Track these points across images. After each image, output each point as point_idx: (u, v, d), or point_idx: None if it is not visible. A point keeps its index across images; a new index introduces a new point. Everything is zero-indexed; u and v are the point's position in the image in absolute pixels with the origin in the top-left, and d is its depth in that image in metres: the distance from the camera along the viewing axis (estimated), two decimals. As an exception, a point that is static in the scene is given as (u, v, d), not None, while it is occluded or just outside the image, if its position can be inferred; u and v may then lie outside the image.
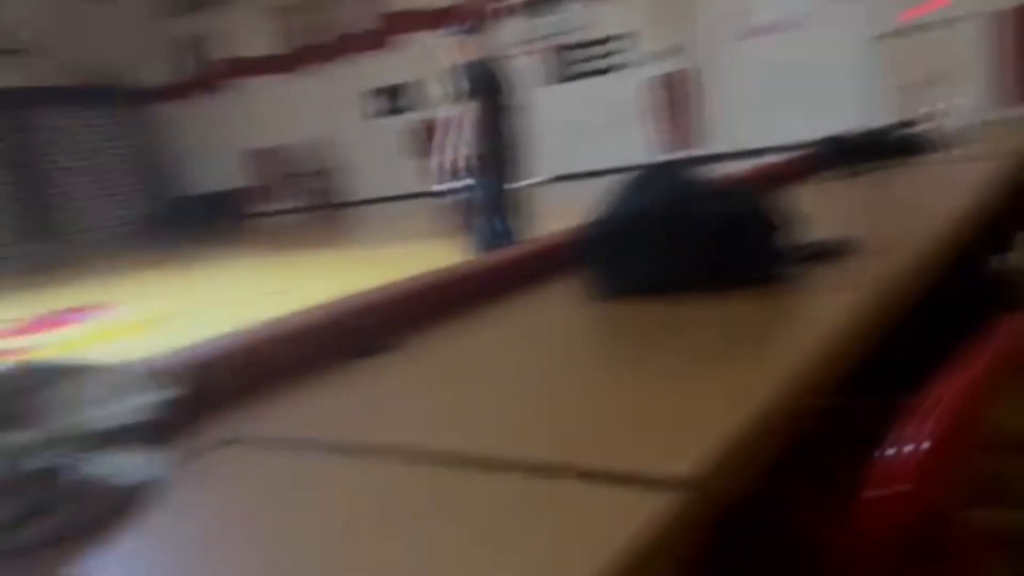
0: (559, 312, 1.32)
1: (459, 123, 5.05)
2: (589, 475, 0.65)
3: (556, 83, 17.32)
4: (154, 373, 0.90)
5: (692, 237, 1.22)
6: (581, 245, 1.34)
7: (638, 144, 15.13)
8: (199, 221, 21.53)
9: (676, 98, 15.48)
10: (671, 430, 0.73)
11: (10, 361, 0.86)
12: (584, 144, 16.72)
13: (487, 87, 5.10)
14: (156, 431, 0.82)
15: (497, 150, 5.15)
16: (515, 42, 16.74)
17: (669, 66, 15.34)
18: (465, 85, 5.04)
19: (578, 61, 16.95)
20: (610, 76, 16.64)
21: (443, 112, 5.43)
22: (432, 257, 5.57)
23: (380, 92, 19.54)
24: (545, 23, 16.42)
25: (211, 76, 21.97)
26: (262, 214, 21.44)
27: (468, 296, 1.40)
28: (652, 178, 1.38)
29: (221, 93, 22.15)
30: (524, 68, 16.74)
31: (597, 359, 1.07)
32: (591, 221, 1.34)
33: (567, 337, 1.19)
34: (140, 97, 23.54)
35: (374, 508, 0.68)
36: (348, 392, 1.02)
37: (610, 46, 16.72)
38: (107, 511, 0.70)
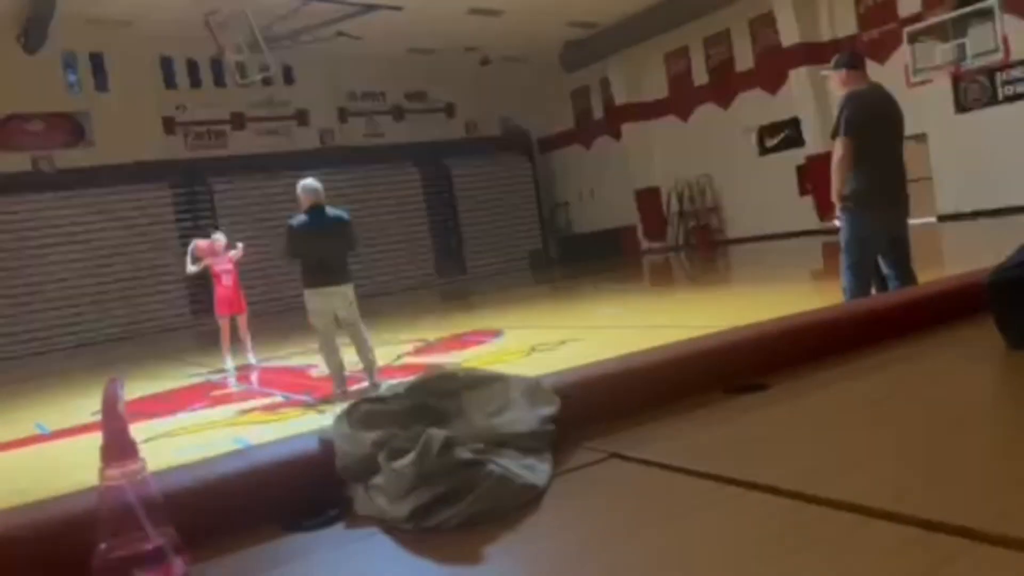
0: (957, 362, 1.19)
1: (837, 158, 4.78)
2: (989, 539, 0.59)
3: (969, 110, 15.46)
4: (547, 389, 1.00)
5: None
6: (994, 289, 1.19)
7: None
8: (587, 257, 22.99)
9: None
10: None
11: (438, 369, 1.02)
12: (1000, 177, 14.67)
13: (862, 120, 4.77)
14: (550, 440, 0.92)
15: (875, 186, 4.77)
16: (922, 68, 15.33)
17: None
18: (843, 119, 4.78)
19: (997, 85, 14.96)
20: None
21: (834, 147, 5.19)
22: (813, 297, 5.33)
23: (768, 129, 19.19)
24: (956, 45, 14.75)
25: (606, 121, 23.43)
26: (649, 251, 22.21)
27: (849, 340, 1.33)
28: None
29: (613, 137, 23.42)
30: (931, 95, 15.24)
31: (1016, 416, 0.95)
32: (1013, 261, 1.18)
33: (969, 390, 1.07)
34: (540, 144, 25.89)
35: (746, 541, 0.68)
36: (721, 426, 1.03)
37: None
38: (512, 504, 0.80)
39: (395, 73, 22.84)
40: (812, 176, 17.76)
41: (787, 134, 18.62)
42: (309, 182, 6.69)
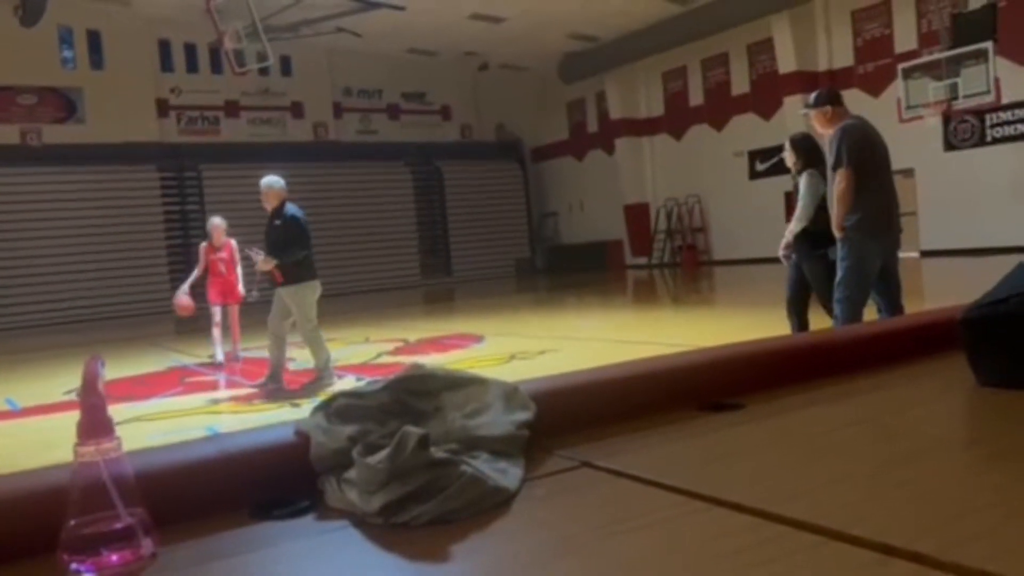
0: (928, 394, 1.22)
1: (841, 189, 4.78)
2: (942, 567, 0.61)
3: (958, 149, 15.65)
4: (524, 395, 1.01)
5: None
6: (967, 326, 1.21)
7: (1055, 221, 13.07)
8: (573, 268, 23.02)
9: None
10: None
11: (415, 367, 1.03)
12: (984, 217, 14.86)
13: (861, 151, 4.76)
14: (522, 444, 0.93)
15: (875, 215, 4.75)
16: (914, 104, 15.50)
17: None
18: (843, 150, 4.75)
19: (987, 127, 15.16)
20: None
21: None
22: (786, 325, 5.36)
23: (759, 153, 19.34)
24: (949, 84, 14.92)
25: (600, 134, 23.52)
26: (634, 266, 22.27)
27: (826, 366, 1.35)
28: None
29: (606, 151, 23.49)
30: (921, 132, 15.42)
31: (978, 450, 0.97)
32: (986, 300, 1.21)
33: (935, 421, 1.09)
34: (532, 153, 25.95)
35: (707, 555, 0.70)
36: (692, 441, 1.05)
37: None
38: (482, 505, 0.81)
39: (393, 72, 22.84)
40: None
41: (778, 160, 18.76)
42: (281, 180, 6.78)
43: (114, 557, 0.72)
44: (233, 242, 8.75)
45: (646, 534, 0.75)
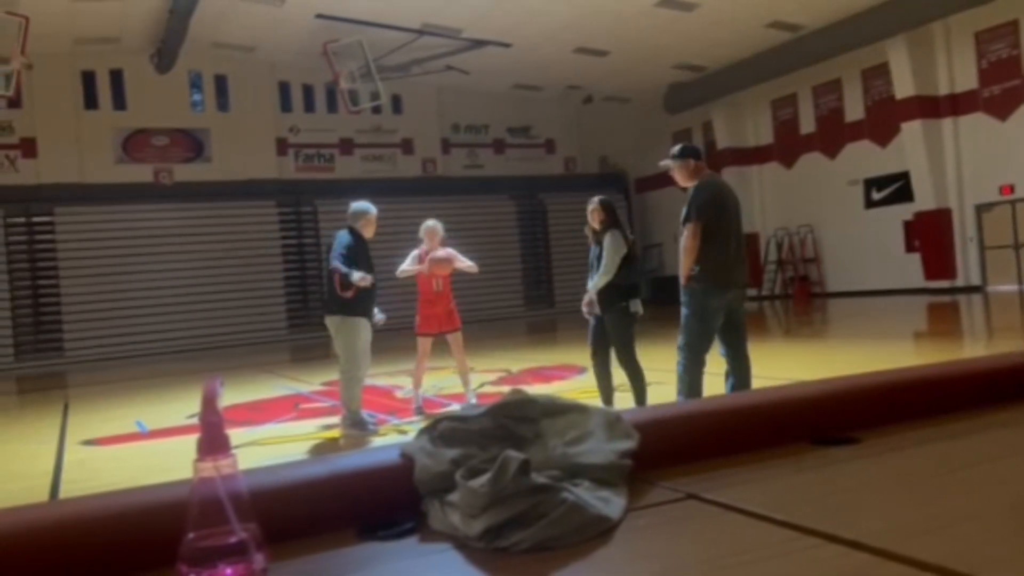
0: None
1: (688, 243, 4.95)
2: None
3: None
4: (626, 424, 1.00)
5: None
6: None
7: None
8: (678, 300, 22.62)
9: None
10: None
11: (519, 393, 1.03)
12: None
13: (712, 208, 4.94)
14: (625, 474, 0.91)
15: (718, 267, 4.88)
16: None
17: None
18: (695, 206, 4.93)
19: None
20: None
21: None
22: (913, 357, 5.10)
23: (875, 181, 18.58)
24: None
25: (706, 164, 23.19)
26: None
27: (948, 401, 1.27)
28: None
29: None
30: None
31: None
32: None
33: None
34: (638, 184, 25.80)
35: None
36: (805, 476, 1.01)
37: None
38: (584, 533, 0.80)
39: (499, 107, 23.25)
40: (920, 232, 17.09)
41: (896, 188, 17.98)
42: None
43: (228, 571, 0.75)
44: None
45: (755, 569, 0.72)
